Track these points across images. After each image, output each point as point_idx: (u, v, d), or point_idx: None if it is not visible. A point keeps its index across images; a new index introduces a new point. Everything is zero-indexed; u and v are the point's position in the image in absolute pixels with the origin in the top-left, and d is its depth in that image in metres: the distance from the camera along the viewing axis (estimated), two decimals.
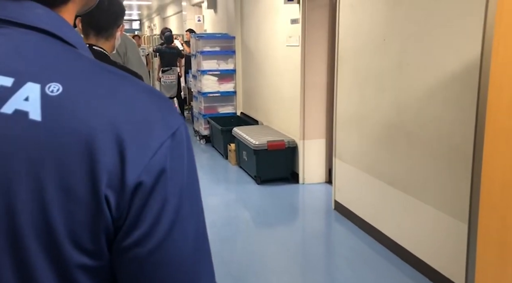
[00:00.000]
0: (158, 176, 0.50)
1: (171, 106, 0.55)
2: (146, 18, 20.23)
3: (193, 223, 0.54)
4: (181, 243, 0.52)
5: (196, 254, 0.54)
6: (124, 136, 0.49)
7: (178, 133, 0.53)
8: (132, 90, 0.53)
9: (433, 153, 2.67)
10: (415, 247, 2.91)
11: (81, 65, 0.52)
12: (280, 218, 3.86)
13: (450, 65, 2.49)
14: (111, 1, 1.74)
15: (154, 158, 0.50)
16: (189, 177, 0.54)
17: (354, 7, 3.43)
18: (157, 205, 0.50)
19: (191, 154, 0.55)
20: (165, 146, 0.51)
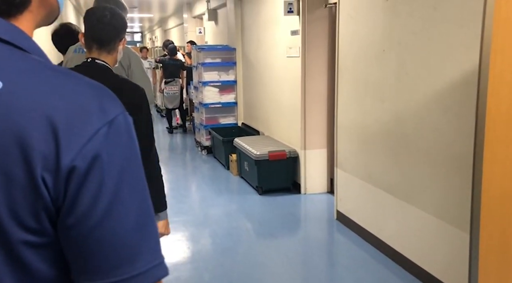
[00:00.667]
0: (92, 160, 0.55)
1: (111, 96, 0.61)
2: (148, 30, 20.39)
3: (133, 205, 0.58)
4: (121, 222, 0.57)
5: (137, 233, 0.58)
6: (59, 125, 0.54)
7: (116, 121, 0.58)
8: (73, 84, 0.58)
9: (433, 162, 2.68)
10: (416, 256, 2.90)
11: (26, 65, 0.57)
12: (282, 228, 3.85)
13: (449, 75, 2.51)
14: (113, 15, 1.76)
15: (89, 144, 0.55)
16: (129, 162, 0.59)
17: (354, 18, 3.46)
18: (94, 187, 0.55)
19: (131, 141, 0.60)
20: (101, 133, 0.56)
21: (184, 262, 3.25)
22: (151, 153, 1.79)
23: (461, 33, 2.40)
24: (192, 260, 3.28)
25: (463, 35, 2.38)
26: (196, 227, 3.90)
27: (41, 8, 0.65)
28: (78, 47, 2.52)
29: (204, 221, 4.04)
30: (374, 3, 3.17)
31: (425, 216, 2.78)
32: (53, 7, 0.67)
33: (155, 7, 11.14)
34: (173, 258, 3.29)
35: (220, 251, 3.41)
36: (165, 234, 1.94)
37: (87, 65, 1.73)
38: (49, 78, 0.57)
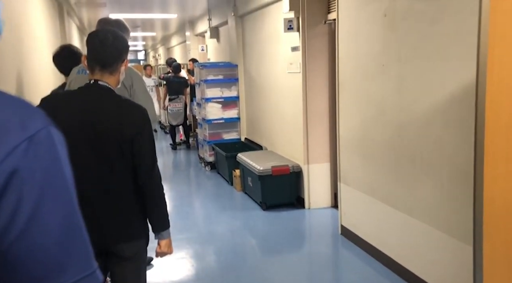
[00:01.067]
0: (9, 177, 0.54)
1: (33, 111, 0.60)
2: (151, 48, 20.63)
3: (56, 219, 0.58)
4: (42, 237, 0.57)
5: (62, 247, 0.59)
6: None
7: (37, 136, 0.58)
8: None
9: (435, 175, 2.68)
10: (421, 270, 2.88)
11: None
12: (286, 244, 3.83)
13: (448, 88, 2.52)
14: (115, 37, 1.80)
15: (6, 161, 0.54)
16: (51, 177, 0.58)
17: (352, 34, 3.50)
18: (11, 204, 0.55)
19: (55, 155, 0.59)
20: (20, 149, 0.55)
21: (188, 280, 3.23)
22: (154, 172, 1.80)
23: (458, 47, 2.43)
24: (196, 278, 3.26)
25: (460, 49, 2.41)
26: (200, 244, 3.88)
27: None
28: (81, 68, 2.56)
29: (208, 238, 4.03)
30: (372, 19, 3.21)
31: (428, 229, 2.77)
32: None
33: (158, 26, 11.30)
34: (177, 276, 3.28)
35: (225, 268, 3.39)
36: (168, 253, 1.94)
37: (90, 87, 1.76)
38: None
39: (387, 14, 3.03)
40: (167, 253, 1.94)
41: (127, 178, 1.76)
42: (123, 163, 1.73)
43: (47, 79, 4.13)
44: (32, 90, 3.38)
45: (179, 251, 3.72)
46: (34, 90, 3.39)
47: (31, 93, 3.29)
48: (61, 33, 5.67)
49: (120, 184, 1.75)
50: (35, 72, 3.57)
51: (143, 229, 1.85)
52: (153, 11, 8.27)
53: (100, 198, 1.72)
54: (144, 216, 1.85)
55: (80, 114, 1.68)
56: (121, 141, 1.70)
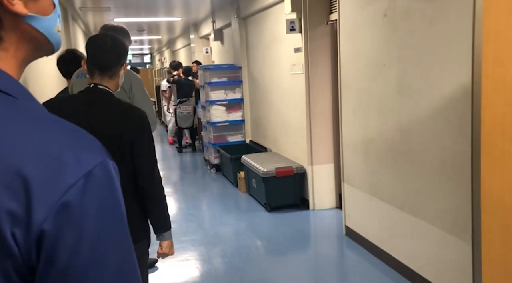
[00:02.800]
0: (67, 216, 0.51)
1: (89, 144, 0.57)
2: (157, 51, 20.75)
3: (114, 260, 0.55)
4: (101, 279, 0.54)
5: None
6: (31, 179, 0.50)
7: (94, 172, 0.54)
8: (48, 132, 0.54)
9: (437, 175, 2.67)
10: (426, 271, 2.87)
11: (1, 112, 0.54)
12: (291, 245, 3.84)
13: (448, 88, 2.52)
14: (114, 41, 1.83)
15: (63, 199, 0.51)
16: (110, 215, 0.55)
17: (354, 34, 3.51)
18: (69, 245, 0.51)
19: (112, 191, 0.56)
20: (77, 187, 0.52)
21: (193, 282, 3.24)
22: (154, 174, 1.82)
23: (456, 46, 2.42)
24: (201, 280, 3.28)
25: (459, 49, 2.40)
26: (205, 246, 3.90)
27: (22, 43, 0.62)
28: (81, 72, 2.59)
29: (213, 240, 4.05)
30: (373, 19, 3.22)
31: (432, 229, 2.76)
32: (39, 41, 0.64)
33: (163, 29, 11.37)
34: (182, 278, 3.30)
35: (230, 270, 3.40)
36: (169, 254, 1.96)
37: (90, 91, 1.79)
38: (23, 126, 0.54)
39: (387, 14, 3.03)
40: (168, 254, 1.96)
41: (128, 180, 1.78)
42: (123, 166, 1.75)
43: (52, 84, 4.18)
44: (38, 95, 3.42)
45: (184, 253, 3.74)
46: (40, 95, 3.44)
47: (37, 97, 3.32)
48: (66, 38, 5.73)
49: (121, 187, 1.77)
50: (41, 77, 3.61)
51: (144, 231, 1.87)
52: (158, 15, 8.33)
53: None
54: (145, 218, 1.87)
55: (80, 118, 1.71)
56: (121, 144, 1.73)
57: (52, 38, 0.65)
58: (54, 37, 0.66)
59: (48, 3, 0.64)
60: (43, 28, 0.63)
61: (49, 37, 0.64)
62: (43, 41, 0.64)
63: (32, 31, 0.62)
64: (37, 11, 0.62)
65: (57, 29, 0.66)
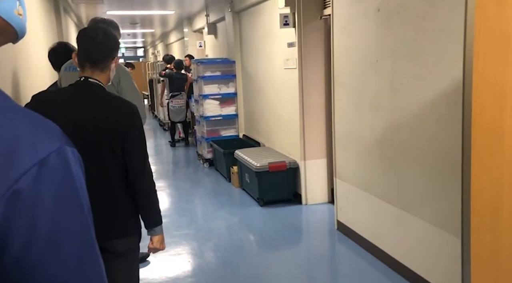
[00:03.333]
0: (19, 204, 0.50)
1: (47, 131, 0.56)
2: (150, 45, 20.61)
3: (70, 250, 0.55)
4: (59, 268, 0.53)
5: (79, 279, 0.55)
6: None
7: (49, 159, 0.53)
8: (5, 121, 0.53)
9: (428, 170, 2.69)
10: (415, 264, 2.89)
11: None
12: (283, 240, 3.85)
13: (440, 83, 2.53)
14: (106, 34, 1.81)
15: (15, 187, 0.50)
16: (66, 201, 0.54)
17: (347, 29, 3.50)
18: (23, 233, 0.50)
19: (69, 178, 0.55)
20: (30, 174, 0.51)
21: (185, 276, 3.25)
22: (145, 168, 1.81)
23: (449, 42, 2.43)
24: (192, 274, 3.28)
25: (451, 44, 2.41)
26: (198, 240, 3.90)
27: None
28: (69, 65, 2.56)
29: (205, 234, 4.05)
30: (366, 14, 3.21)
31: (422, 224, 2.78)
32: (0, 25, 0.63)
33: (157, 23, 11.29)
34: (174, 272, 3.30)
35: (222, 264, 3.41)
36: (160, 249, 1.96)
37: (81, 84, 1.77)
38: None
39: (381, 9, 3.03)
40: (159, 249, 1.96)
41: (118, 175, 1.77)
42: (114, 160, 1.74)
43: (44, 77, 4.13)
44: (29, 88, 3.38)
45: (176, 247, 3.74)
46: (30, 88, 3.40)
47: (27, 91, 3.29)
48: (58, 31, 5.67)
49: (111, 181, 1.76)
50: (32, 70, 3.57)
51: (135, 226, 1.87)
52: (151, 8, 8.26)
53: (92, 195, 1.73)
54: (136, 212, 1.87)
55: (70, 112, 1.69)
56: (111, 138, 1.71)
57: (12, 21, 0.64)
58: (14, 19, 0.64)
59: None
60: (0, 11, 0.62)
61: (8, 20, 0.63)
62: (3, 25, 0.63)
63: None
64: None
65: (17, 12, 0.65)
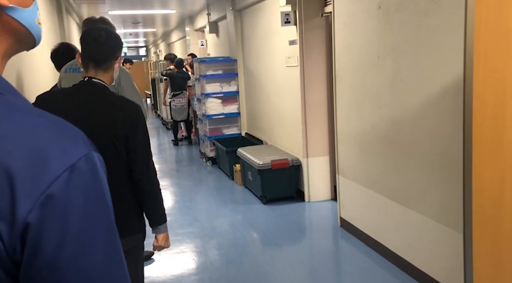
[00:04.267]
0: (52, 209, 0.51)
1: (74, 136, 0.57)
2: (152, 44, 20.63)
3: (99, 253, 0.55)
4: (86, 273, 0.54)
5: (108, 276, 0.56)
6: (15, 173, 0.50)
7: (79, 165, 0.54)
8: (32, 126, 0.54)
9: (430, 166, 2.70)
10: (418, 260, 2.90)
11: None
12: (286, 237, 3.87)
13: (441, 80, 2.53)
14: (109, 35, 1.83)
15: (47, 192, 0.51)
16: (94, 207, 0.55)
17: (348, 27, 3.51)
18: (55, 238, 0.51)
19: (97, 183, 0.56)
20: (61, 180, 0.52)
21: (189, 274, 3.27)
22: (149, 167, 1.83)
23: (450, 38, 2.44)
24: (197, 272, 3.31)
25: (452, 41, 2.42)
26: (201, 238, 3.92)
27: (3, 35, 0.61)
28: (69, 67, 2.58)
29: (209, 232, 4.07)
30: (367, 11, 3.22)
31: (425, 220, 2.79)
32: (21, 33, 0.64)
33: (158, 22, 11.31)
34: (178, 270, 3.32)
35: (225, 262, 3.43)
36: (165, 247, 1.98)
37: (85, 84, 1.79)
38: (9, 121, 0.54)
39: (381, 6, 3.03)
40: (164, 247, 1.98)
41: (122, 174, 1.79)
42: (118, 160, 1.76)
43: (47, 77, 4.16)
44: (32, 88, 3.41)
45: (180, 245, 3.76)
46: (34, 89, 3.43)
47: (31, 92, 3.32)
48: (60, 31, 5.69)
49: (115, 180, 1.77)
50: (35, 71, 3.60)
51: (139, 224, 1.89)
52: (153, 7, 8.27)
53: None
54: (140, 211, 1.88)
55: (74, 111, 1.71)
56: (115, 138, 1.73)
57: (33, 30, 0.65)
58: (35, 28, 0.66)
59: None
60: (24, 19, 0.63)
61: (30, 29, 0.64)
62: (24, 33, 0.64)
63: (13, 22, 0.61)
64: (18, 3, 0.62)
65: (38, 21, 0.67)
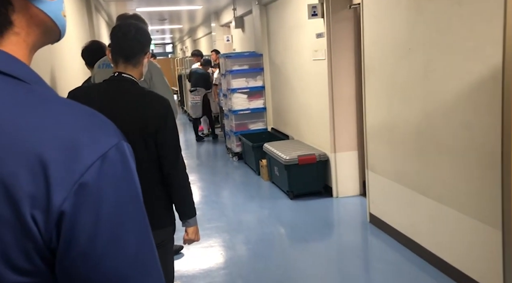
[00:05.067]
0: (86, 198, 0.51)
1: (104, 125, 0.57)
2: (178, 41, 20.83)
3: (131, 242, 0.55)
4: (120, 259, 0.54)
5: (138, 268, 0.56)
6: (49, 162, 0.51)
7: (110, 154, 0.54)
8: (63, 115, 0.55)
9: (464, 160, 2.60)
10: (452, 257, 2.82)
11: (15, 97, 0.54)
12: (314, 233, 3.83)
13: (477, 70, 2.44)
14: (138, 30, 1.84)
15: (80, 181, 0.51)
16: (126, 194, 0.56)
17: (378, 18, 3.43)
18: (89, 226, 0.51)
19: (127, 172, 0.56)
20: (94, 168, 0.52)
21: (217, 268, 3.29)
22: (178, 162, 1.84)
23: (487, 27, 2.34)
24: (225, 266, 3.32)
25: (490, 30, 2.32)
26: (229, 233, 3.94)
27: (32, 27, 0.62)
28: (102, 62, 2.62)
29: (236, 227, 4.08)
30: (397, 2, 3.13)
31: (459, 216, 2.70)
32: (47, 25, 0.64)
33: (184, 18, 11.39)
34: (206, 264, 3.35)
35: (253, 257, 3.43)
36: (195, 240, 1.99)
37: (115, 79, 1.81)
38: (38, 110, 0.54)
39: None
40: (194, 240, 1.99)
41: (153, 168, 1.80)
42: (147, 154, 1.77)
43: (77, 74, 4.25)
44: (64, 85, 3.49)
45: (208, 239, 3.78)
46: (65, 85, 3.51)
47: (63, 88, 3.40)
48: (89, 29, 5.80)
49: (145, 175, 1.79)
50: (66, 68, 3.68)
51: (169, 218, 1.90)
52: (179, 3, 8.33)
53: None
54: (170, 204, 1.90)
55: (105, 106, 1.73)
56: (145, 133, 1.74)
57: (59, 22, 0.66)
58: (61, 21, 0.66)
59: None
60: (50, 11, 0.63)
61: (56, 21, 0.65)
62: (51, 25, 0.65)
63: (40, 14, 0.62)
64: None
65: (63, 13, 0.67)
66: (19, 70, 0.58)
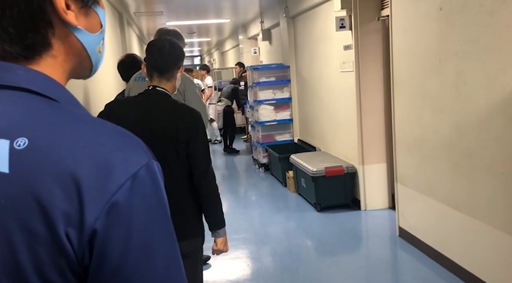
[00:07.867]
0: (117, 216, 0.53)
1: (134, 145, 0.58)
2: (206, 53, 21.16)
3: (161, 259, 0.57)
4: (150, 276, 0.56)
5: (169, 281, 0.58)
6: (82, 181, 0.52)
7: (140, 173, 0.56)
8: (95, 135, 0.57)
9: (498, 174, 2.54)
10: (486, 273, 2.73)
11: (52, 118, 0.56)
12: (342, 245, 3.79)
13: (510, 82, 2.39)
14: (172, 45, 1.90)
15: (113, 200, 0.53)
16: (155, 214, 0.57)
17: (407, 29, 3.41)
18: (120, 244, 0.53)
19: (157, 191, 0.58)
20: (125, 188, 0.54)
21: (244, 279, 3.29)
22: (208, 173, 1.87)
23: None
24: (252, 277, 3.32)
25: None
26: (256, 244, 3.94)
27: (69, 55, 0.64)
28: (138, 76, 2.71)
29: (263, 238, 4.08)
30: (427, 13, 3.11)
31: (493, 231, 2.63)
32: (82, 56, 0.66)
33: (213, 31, 11.59)
34: (233, 276, 3.35)
35: (280, 269, 3.42)
36: (224, 250, 2.01)
37: (149, 93, 1.87)
38: (73, 130, 0.56)
39: (443, 8, 2.92)
40: (223, 251, 2.01)
41: (183, 178, 1.84)
42: (179, 165, 1.81)
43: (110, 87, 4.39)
44: (97, 98, 3.61)
45: (235, 251, 3.80)
46: (98, 98, 3.63)
47: (96, 101, 3.52)
48: (122, 42, 5.99)
49: (177, 185, 1.83)
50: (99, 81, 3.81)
51: (199, 228, 1.93)
52: (208, 17, 8.50)
53: None
54: (200, 215, 1.93)
55: (139, 118, 1.79)
56: (177, 143, 1.79)
57: (93, 56, 0.67)
58: (95, 55, 0.68)
59: (96, 22, 0.66)
60: (87, 43, 0.65)
61: (90, 54, 0.66)
62: (86, 58, 0.66)
63: (77, 44, 0.64)
64: (85, 26, 0.64)
65: (99, 49, 0.69)
66: (55, 91, 0.60)
